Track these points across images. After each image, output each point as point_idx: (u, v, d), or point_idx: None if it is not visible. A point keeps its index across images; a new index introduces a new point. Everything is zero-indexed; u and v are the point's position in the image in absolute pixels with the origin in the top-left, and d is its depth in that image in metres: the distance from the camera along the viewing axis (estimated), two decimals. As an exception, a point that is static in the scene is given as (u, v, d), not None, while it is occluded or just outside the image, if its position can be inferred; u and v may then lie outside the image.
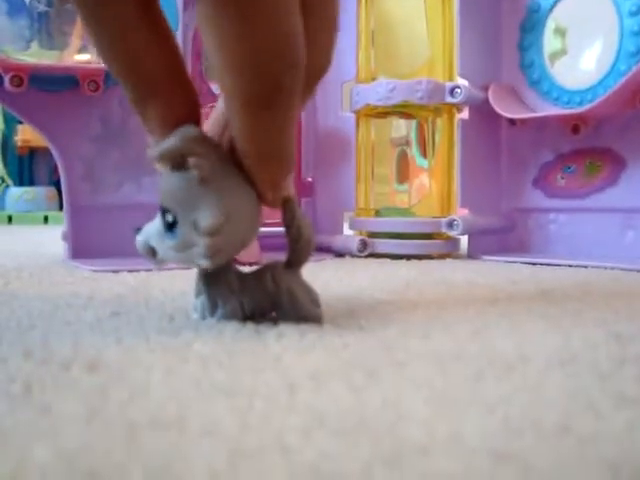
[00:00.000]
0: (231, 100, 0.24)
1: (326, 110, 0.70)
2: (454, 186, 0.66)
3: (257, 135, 0.25)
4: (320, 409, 0.17)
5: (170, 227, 0.26)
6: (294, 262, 0.28)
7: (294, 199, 0.28)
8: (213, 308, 0.28)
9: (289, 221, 0.28)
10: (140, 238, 0.27)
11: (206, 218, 0.25)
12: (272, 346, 0.24)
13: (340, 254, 0.65)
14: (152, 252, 0.27)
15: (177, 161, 0.25)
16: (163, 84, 0.25)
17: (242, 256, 0.48)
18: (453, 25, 0.64)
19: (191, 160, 0.25)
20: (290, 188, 0.27)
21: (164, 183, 0.26)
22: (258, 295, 0.28)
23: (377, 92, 0.63)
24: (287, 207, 0.28)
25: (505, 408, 0.17)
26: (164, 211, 0.26)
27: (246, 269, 0.29)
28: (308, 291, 0.28)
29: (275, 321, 0.28)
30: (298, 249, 0.28)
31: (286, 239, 0.28)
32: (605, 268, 0.52)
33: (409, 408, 0.17)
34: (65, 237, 0.57)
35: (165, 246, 0.26)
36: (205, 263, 0.25)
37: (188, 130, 0.25)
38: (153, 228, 0.27)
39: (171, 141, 0.24)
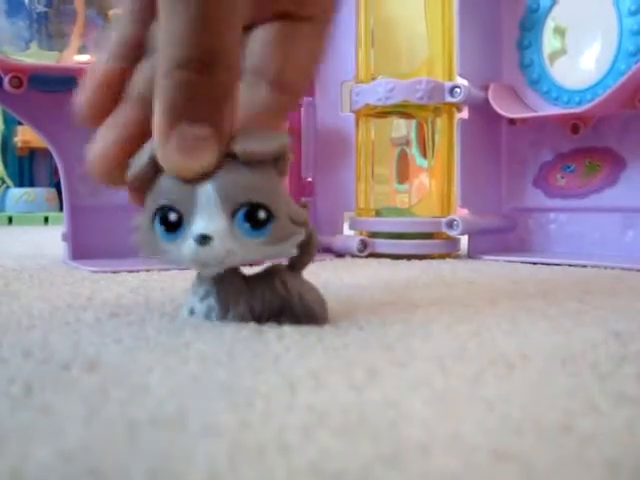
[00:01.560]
0: None
1: (326, 110, 0.69)
2: (454, 186, 0.66)
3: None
4: (320, 408, 0.17)
5: (261, 224, 0.25)
6: (299, 264, 0.28)
7: (305, 204, 0.28)
8: (224, 311, 0.27)
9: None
10: (218, 246, 0.24)
11: (298, 209, 0.26)
12: (273, 346, 0.23)
13: (340, 254, 0.65)
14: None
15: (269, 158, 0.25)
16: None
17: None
18: (452, 24, 0.64)
19: (289, 156, 0.25)
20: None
21: (251, 180, 0.25)
22: (267, 298, 0.27)
23: (377, 92, 0.63)
24: None
25: (505, 407, 0.17)
26: (255, 207, 0.24)
27: (248, 270, 0.29)
28: (316, 293, 0.28)
29: (277, 321, 0.28)
30: (306, 252, 0.28)
31: None
32: (605, 267, 0.52)
33: (409, 407, 0.17)
34: (65, 238, 0.57)
35: (252, 243, 0.25)
36: (295, 252, 0.26)
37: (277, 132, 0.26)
38: (221, 228, 0.24)
39: (283, 140, 0.25)
